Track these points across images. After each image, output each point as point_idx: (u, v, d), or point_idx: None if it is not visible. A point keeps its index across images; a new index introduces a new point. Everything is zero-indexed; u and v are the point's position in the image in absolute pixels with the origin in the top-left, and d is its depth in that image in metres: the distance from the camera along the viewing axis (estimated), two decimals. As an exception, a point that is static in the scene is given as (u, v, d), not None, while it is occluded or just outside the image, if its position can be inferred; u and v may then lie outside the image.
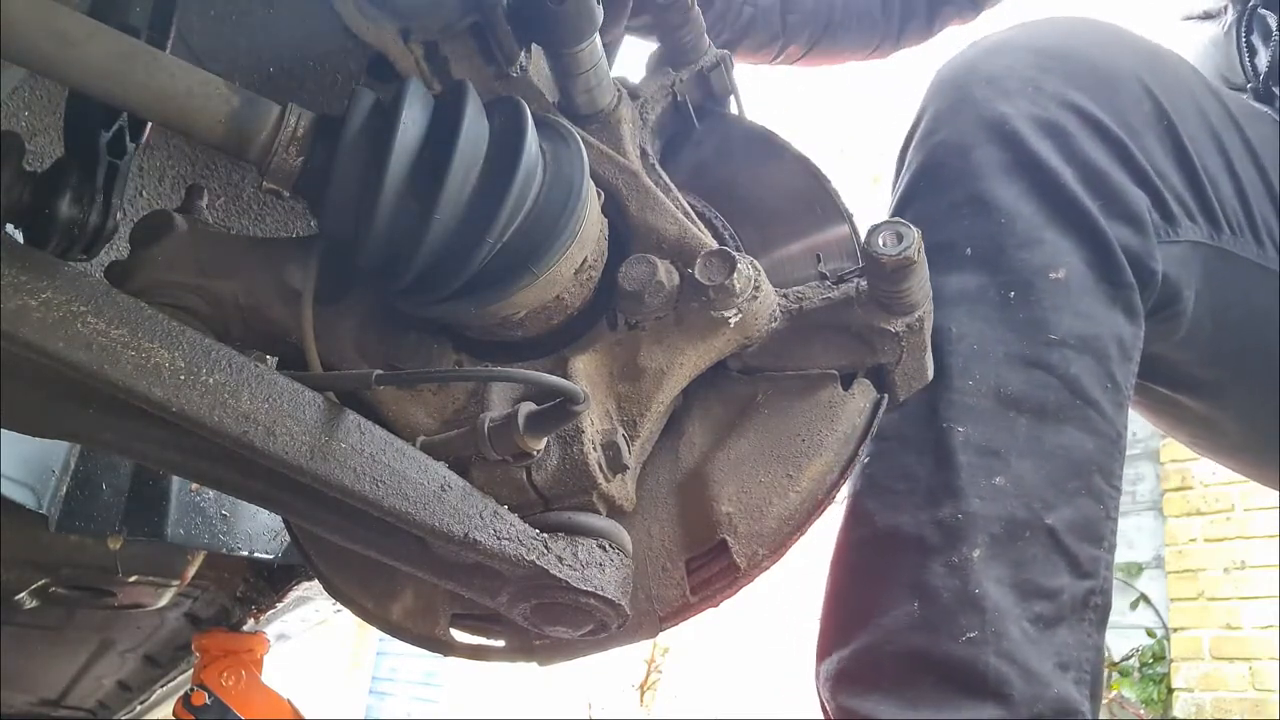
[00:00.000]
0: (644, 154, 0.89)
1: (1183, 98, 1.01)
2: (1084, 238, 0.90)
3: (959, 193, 0.92)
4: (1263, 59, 1.25)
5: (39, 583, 1.96)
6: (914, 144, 1.00)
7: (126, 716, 3.49)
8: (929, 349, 0.83)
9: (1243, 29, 1.27)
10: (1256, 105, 1.22)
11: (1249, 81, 1.28)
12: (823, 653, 0.89)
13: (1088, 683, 0.85)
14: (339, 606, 0.98)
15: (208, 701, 2.30)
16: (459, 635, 0.84)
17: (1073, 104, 0.94)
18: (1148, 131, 0.96)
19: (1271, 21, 1.25)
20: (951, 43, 1.05)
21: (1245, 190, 1.03)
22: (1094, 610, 0.87)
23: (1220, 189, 1.01)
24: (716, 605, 0.79)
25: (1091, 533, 0.87)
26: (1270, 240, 1.05)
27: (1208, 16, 1.34)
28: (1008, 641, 0.80)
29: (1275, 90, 1.24)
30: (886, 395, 0.82)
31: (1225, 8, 1.30)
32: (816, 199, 0.89)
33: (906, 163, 1.00)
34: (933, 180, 0.95)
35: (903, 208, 0.96)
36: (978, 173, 0.92)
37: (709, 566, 0.79)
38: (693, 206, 0.86)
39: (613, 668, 7.16)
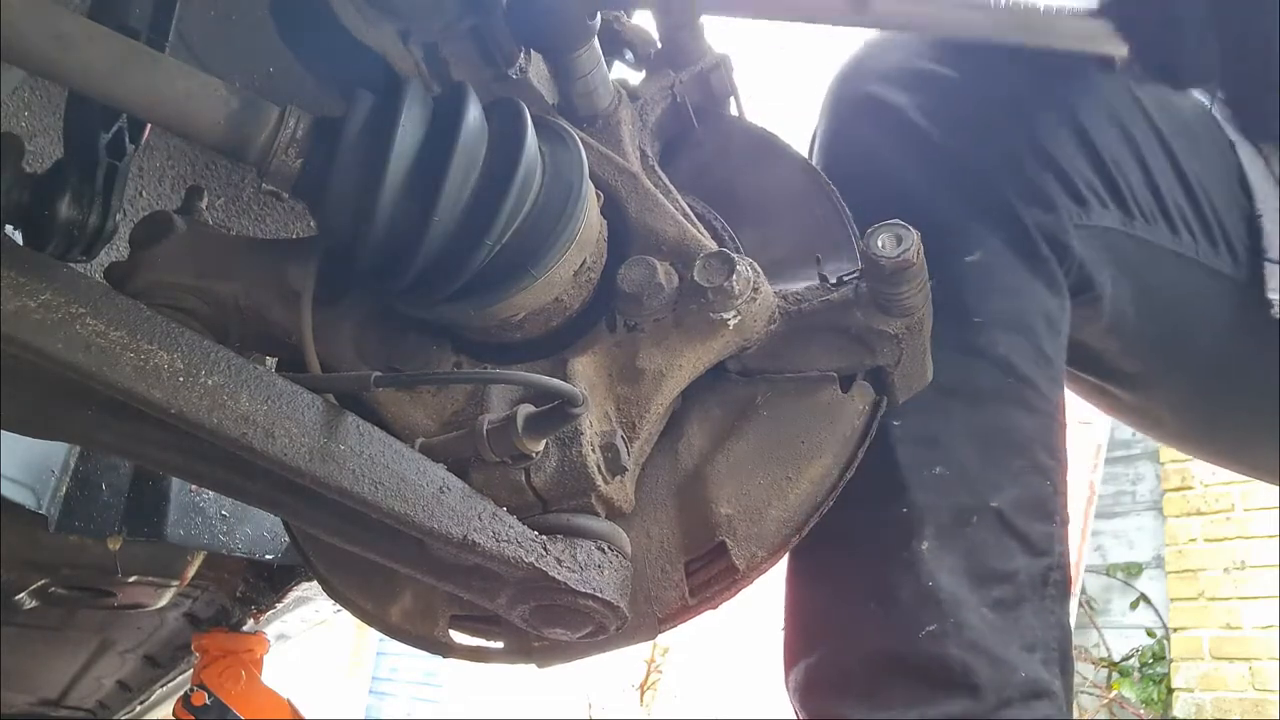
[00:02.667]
0: (644, 155, 0.89)
1: (1083, 87, 1.01)
2: (998, 220, 0.91)
3: (870, 189, 0.91)
4: None
5: (39, 583, 1.96)
6: (818, 147, 1.01)
7: (126, 716, 3.49)
8: (928, 351, 0.83)
9: None
10: (1180, 98, 1.20)
11: None
12: (790, 663, 0.89)
13: (1057, 660, 0.85)
14: (339, 607, 0.98)
15: (208, 701, 2.30)
16: (458, 636, 0.84)
17: (971, 94, 0.94)
18: (1049, 118, 0.96)
19: None
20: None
21: (1155, 178, 1.03)
22: (1054, 587, 0.86)
23: (1129, 176, 1.01)
24: (715, 607, 0.79)
25: (1041, 509, 0.87)
26: (1185, 228, 1.05)
27: None
28: (969, 631, 0.80)
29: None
30: (885, 397, 0.82)
31: None
32: (816, 201, 0.89)
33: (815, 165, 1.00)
34: (842, 179, 0.95)
35: None
36: (885, 167, 0.93)
37: (708, 568, 0.79)
38: (692, 208, 0.86)
39: (613, 668, 7.16)
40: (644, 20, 0.97)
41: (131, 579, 1.97)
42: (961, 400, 0.87)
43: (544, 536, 0.70)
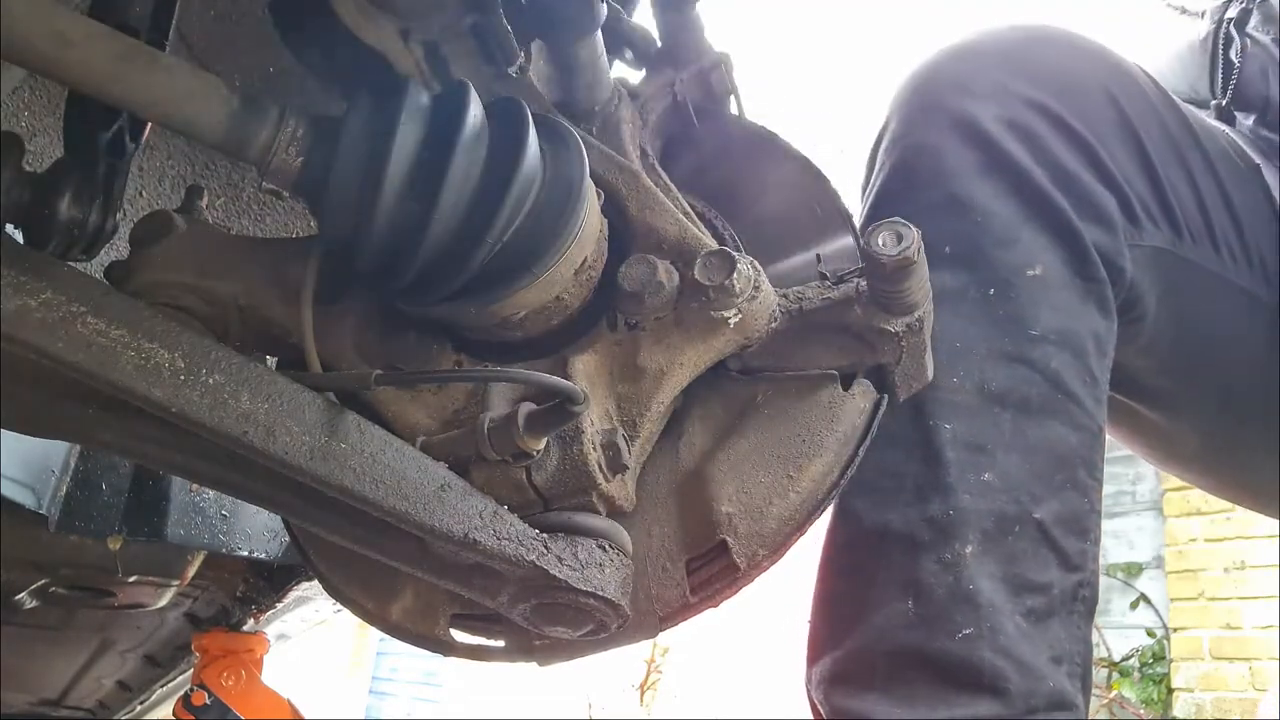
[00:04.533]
0: (644, 154, 0.89)
1: (1145, 107, 1.03)
2: (1058, 235, 0.92)
3: (934, 194, 0.93)
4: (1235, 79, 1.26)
5: (39, 583, 1.96)
6: (884, 147, 1.01)
7: (126, 716, 3.49)
8: (929, 349, 0.83)
9: (1219, 43, 1.28)
10: (1213, 123, 1.23)
11: (1215, 98, 1.29)
12: (814, 655, 0.89)
13: (1080, 676, 0.85)
14: (339, 606, 0.98)
15: (208, 701, 2.30)
16: (459, 635, 0.84)
17: (1040, 106, 0.95)
18: (1112, 137, 0.98)
19: (1249, 39, 1.25)
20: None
21: (1204, 200, 1.05)
22: (1082, 603, 0.87)
23: (1181, 197, 1.03)
24: (716, 605, 0.79)
25: (1078, 526, 0.88)
26: (1228, 251, 1.07)
27: (1185, 12, 1.35)
28: (1003, 637, 0.81)
29: (1236, 113, 1.27)
30: (887, 395, 0.82)
31: (1204, 14, 1.31)
32: (816, 199, 0.89)
33: (878, 166, 1.01)
34: (907, 182, 0.96)
35: (877, 210, 0.97)
36: (952, 173, 0.93)
37: (709, 567, 0.79)
38: (693, 207, 0.86)
39: (613, 668, 7.16)
40: (644, 19, 0.97)
41: (131, 579, 1.97)
42: (1011, 410, 0.87)
43: (545, 535, 0.70)
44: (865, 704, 0.82)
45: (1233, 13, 1.27)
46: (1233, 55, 1.26)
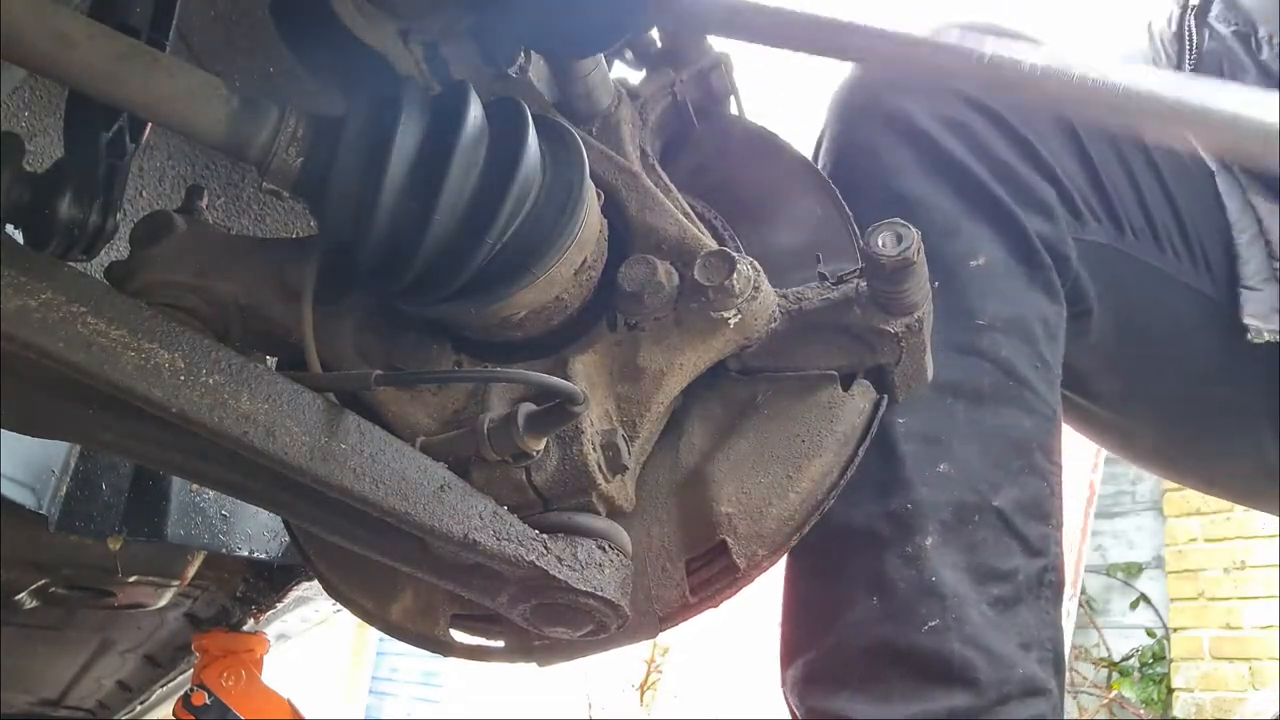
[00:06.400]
0: (644, 154, 0.89)
1: None
2: (999, 226, 0.93)
3: (875, 192, 0.94)
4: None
5: (39, 583, 1.96)
6: (824, 149, 1.02)
7: (126, 716, 3.49)
8: (929, 349, 0.83)
9: (1186, 33, 1.27)
10: None
11: None
12: (788, 658, 0.89)
13: (1051, 660, 0.86)
14: (339, 606, 0.98)
15: (208, 701, 2.29)
16: (458, 635, 0.84)
17: (976, 103, 0.97)
18: (1051, 133, 0.99)
19: (1209, 30, 1.25)
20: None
21: (1145, 198, 1.06)
22: (1049, 588, 0.88)
23: (1122, 194, 1.04)
24: (716, 606, 0.80)
25: (1039, 511, 0.88)
26: (1171, 247, 1.08)
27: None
28: (970, 626, 0.81)
29: None
30: (886, 396, 0.82)
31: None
32: (816, 199, 0.89)
33: (819, 168, 1.02)
34: (847, 182, 0.97)
35: None
36: (891, 171, 0.95)
37: (709, 567, 0.79)
38: (693, 207, 0.87)
39: (613, 668, 7.15)
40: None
41: (131, 579, 1.96)
42: (964, 400, 0.88)
43: (545, 535, 0.70)
44: (839, 703, 0.82)
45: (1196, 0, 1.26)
46: (1196, 42, 1.26)
